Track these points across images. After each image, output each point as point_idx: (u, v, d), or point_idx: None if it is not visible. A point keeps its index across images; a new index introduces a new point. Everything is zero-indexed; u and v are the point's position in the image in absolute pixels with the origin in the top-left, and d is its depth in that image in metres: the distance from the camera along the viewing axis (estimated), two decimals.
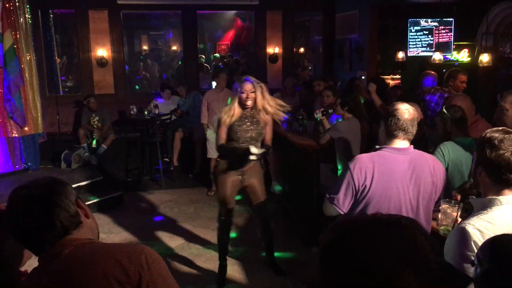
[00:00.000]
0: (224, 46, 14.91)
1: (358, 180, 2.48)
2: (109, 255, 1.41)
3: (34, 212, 1.42)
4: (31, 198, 1.43)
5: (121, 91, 8.61)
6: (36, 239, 1.43)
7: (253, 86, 3.98)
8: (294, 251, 4.93)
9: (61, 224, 1.43)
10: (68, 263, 1.40)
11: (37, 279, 1.42)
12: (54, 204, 1.43)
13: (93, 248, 1.46)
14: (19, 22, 6.61)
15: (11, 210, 1.46)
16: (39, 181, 1.51)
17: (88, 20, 8.22)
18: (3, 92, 6.45)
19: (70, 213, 1.46)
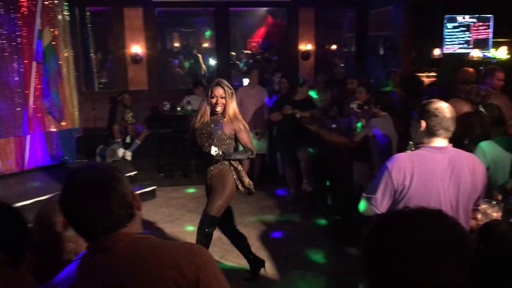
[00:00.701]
0: (255, 43, 14.90)
1: (396, 180, 2.45)
2: (165, 254, 1.37)
3: (94, 195, 1.36)
4: (92, 181, 1.38)
5: (154, 87, 8.73)
6: (91, 225, 1.38)
7: (224, 91, 3.82)
8: (324, 250, 4.90)
9: (117, 212, 1.38)
10: (123, 258, 1.35)
11: (90, 271, 1.37)
12: (114, 190, 1.38)
13: (148, 244, 1.41)
14: (58, 20, 6.79)
15: (69, 191, 1.40)
16: (100, 166, 1.48)
17: (123, 18, 8.37)
18: (42, 88, 6.64)
19: (127, 202, 1.41)
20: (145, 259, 1.35)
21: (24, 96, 6.50)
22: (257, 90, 6.87)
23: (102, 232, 1.39)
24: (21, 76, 6.45)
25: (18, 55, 6.39)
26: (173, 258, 1.36)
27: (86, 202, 1.36)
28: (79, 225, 1.40)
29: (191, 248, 1.43)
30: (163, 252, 1.38)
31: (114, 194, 1.38)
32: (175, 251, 1.39)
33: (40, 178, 6.52)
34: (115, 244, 1.37)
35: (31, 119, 6.59)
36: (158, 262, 1.35)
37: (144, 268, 1.34)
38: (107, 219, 1.37)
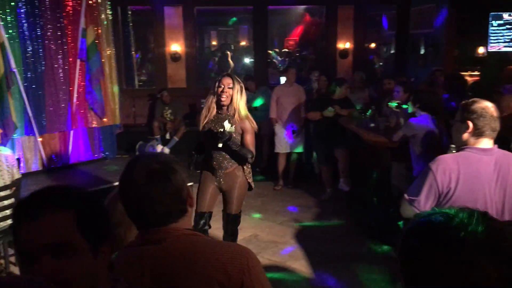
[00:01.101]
0: (292, 42, 14.86)
1: (441, 182, 2.39)
2: (212, 254, 1.36)
3: (149, 184, 1.37)
4: (150, 170, 1.39)
5: (192, 85, 8.85)
6: (143, 213, 1.39)
7: (232, 81, 3.63)
8: (360, 250, 4.85)
9: (170, 204, 1.39)
10: (170, 253, 1.36)
11: (137, 261, 1.37)
12: (170, 182, 1.39)
13: (195, 242, 1.40)
14: (101, 18, 6.98)
15: (127, 177, 1.43)
16: (162, 157, 1.48)
17: (163, 16, 8.52)
18: (85, 85, 6.84)
19: (180, 197, 1.42)
20: (191, 257, 1.35)
21: (68, 93, 6.72)
22: (294, 88, 6.85)
23: (153, 223, 1.40)
24: (65, 73, 6.66)
25: (63, 53, 6.60)
26: (219, 259, 1.35)
27: (141, 189, 1.38)
28: (132, 211, 1.42)
29: (239, 250, 1.42)
30: (209, 252, 1.37)
31: (169, 186, 1.39)
32: (222, 252, 1.37)
33: (82, 172, 6.73)
34: (164, 238, 1.37)
35: (74, 115, 6.80)
36: (204, 261, 1.34)
37: (189, 266, 1.33)
38: (159, 210, 1.38)
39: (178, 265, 1.34)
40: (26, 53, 6.27)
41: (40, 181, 6.18)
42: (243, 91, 3.70)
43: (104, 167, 6.85)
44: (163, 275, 1.34)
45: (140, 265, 1.36)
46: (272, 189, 6.85)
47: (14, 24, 6.13)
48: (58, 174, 6.58)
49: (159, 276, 1.34)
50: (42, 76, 6.45)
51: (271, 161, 7.45)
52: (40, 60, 6.40)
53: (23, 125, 6.33)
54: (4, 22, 5.99)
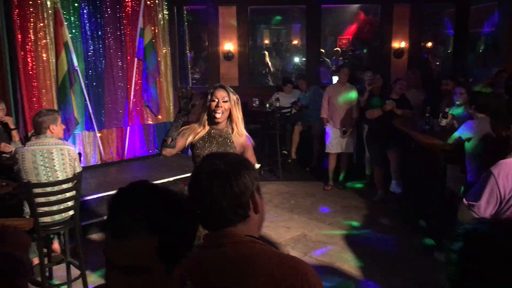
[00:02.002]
0: (345, 41, 14.68)
1: (504, 188, 2.32)
2: (265, 266, 1.29)
3: (210, 185, 1.36)
4: (214, 170, 1.38)
5: (244, 83, 8.94)
6: (203, 214, 1.38)
7: (227, 93, 3.11)
8: (410, 253, 4.75)
9: (227, 208, 1.36)
10: (226, 259, 1.33)
11: (199, 266, 1.36)
12: (230, 185, 1.35)
13: (250, 251, 1.35)
14: (158, 18, 7.20)
15: (194, 175, 1.44)
16: (231, 157, 1.46)
17: (218, 16, 8.65)
18: (142, 83, 7.09)
19: (240, 200, 1.37)
20: (243, 267, 1.30)
21: (126, 91, 6.99)
22: (347, 88, 6.78)
23: (212, 225, 1.39)
24: (124, 71, 6.93)
25: (121, 52, 6.87)
26: (272, 273, 1.28)
27: (202, 190, 1.37)
28: (195, 211, 1.39)
29: (296, 265, 1.33)
30: (263, 264, 1.30)
31: (228, 188, 1.35)
32: (276, 265, 1.30)
33: (137, 167, 6.99)
34: (222, 243, 1.35)
35: (131, 112, 7.06)
36: (257, 271, 1.28)
37: (242, 275, 1.29)
38: (215, 212, 1.36)
39: (232, 272, 1.31)
40: (88, 52, 6.58)
41: (98, 174, 6.48)
42: (239, 103, 3.20)
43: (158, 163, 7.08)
44: (219, 281, 1.32)
45: (203, 269, 1.35)
46: (322, 189, 6.82)
47: (77, 24, 6.45)
48: (115, 168, 6.86)
49: (217, 282, 1.32)
50: (102, 74, 6.74)
51: (321, 161, 7.43)
52: (100, 59, 6.70)
53: (84, 120, 6.65)
54: (68, 22, 6.31)
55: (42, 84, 6.13)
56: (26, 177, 3.78)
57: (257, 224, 1.43)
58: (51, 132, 3.87)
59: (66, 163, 3.88)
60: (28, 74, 6.06)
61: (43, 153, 3.80)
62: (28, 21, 5.97)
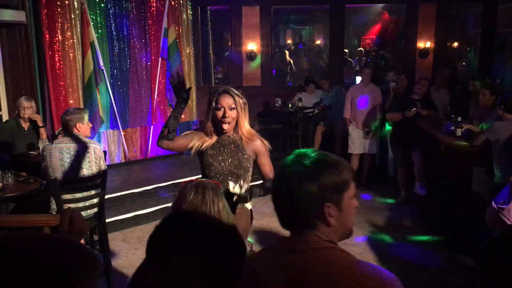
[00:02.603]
0: (369, 41, 14.54)
1: None
2: (351, 278, 1.22)
3: (290, 184, 1.30)
4: (297, 169, 1.31)
5: (267, 83, 8.95)
6: (281, 214, 1.35)
7: (233, 99, 2.83)
8: (436, 257, 4.67)
9: (305, 209, 1.30)
10: (310, 265, 1.26)
11: (280, 271, 1.29)
12: (306, 187, 1.27)
13: (335, 259, 1.28)
14: (182, 18, 7.26)
15: (278, 171, 1.40)
16: (321, 155, 1.34)
17: (241, 16, 8.68)
18: (166, 82, 7.15)
19: (319, 204, 1.29)
20: (330, 272, 1.23)
21: (149, 90, 7.06)
22: (370, 89, 6.72)
23: (286, 224, 1.34)
24: (148, 71, 7.01)
25: (146, 52, 6.95)
26: (362, 283, 1.21)
27: (282, 189, 1.33)
28: (275, 205, 1.36)
29: (384, 280, 1.24)
30: (348, 275, 1.23)
31: (309, 189, 1.27)
32: (363, 278, 1.22)
33: (160, 166, 7.05)
34: (305, 249, 1.28)
35: (154, 111, 7.14)
36: (345, 282, 1.21)
37: (328, 282, 1.22)
38: (291, 212, 1.32)
39: (318, 278, 1.23)
40: (113, 52, 6.67)
41: (122, 172, 6.56)
42: (246, 107, 2.91)
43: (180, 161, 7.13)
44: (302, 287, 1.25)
45: (284, 274, 1.28)
46: None
47: (103, 24, 6.55)
48: (138, 166, 6.95)
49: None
50: (127, 74, 6.83)
51: None
52: (125, 59, 6.79)
53: (109, 119, 6.75)
54: (94, 22, 6.42)
55: (69, 83, 6.25)
56: (53, 174, 3.86)
57: (338, 231, 1.34)
58: (77, 130, 3.94)
59: (92, 160, 3.95)
60: (55, 74, 6.18)
61: (70, 151, 3.87)
62: (56, 21, 6.09)
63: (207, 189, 1.91)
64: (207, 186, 1.93)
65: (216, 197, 1.91)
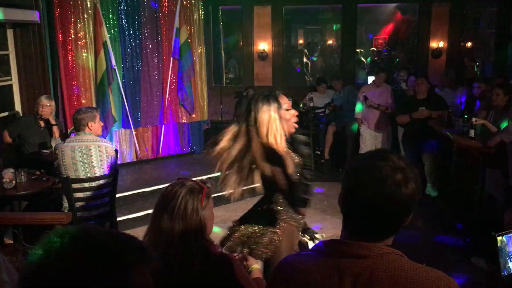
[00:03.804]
0: (381, 40, 14.46)
1: None
2: (420, 283, 1.21)
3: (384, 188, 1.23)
4: (381, 177, 1.23)
5: (278, 83, 8.93)
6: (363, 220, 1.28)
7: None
8: (449, 258, 4.62)
9: (397, 217, 1.26)
10: (374, 271, 1.23)
11: (336, 274, 1.25)
12: (400, 191, 1.22)
13: (400, 265, 1.25)
14: (194, 18, 7.27)
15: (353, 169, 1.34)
16: (398, 161, 1.27)
17: (252, 16, 8.68)
18: (177, 82, 7.17)
19: (408, 212, 1.26)
20: (397, 281, 1.21)
21: (161, 90, 7.08)
22: (382, 89, 6.68)
23: (364, 234, 1.28)
24: (159, 71, 7.03)
25: (158, 52, 6.97)
26: (425, 284, 1.21)
27: (362, 194, 1.26)
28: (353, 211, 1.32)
29: (449, 282, 1.24)
30: (418, 279, 1.22)
31: (402, 196, 1.23)
32: (432, 281, 1.22)
33: (171, 165, 7.07)
34: (367, 254, 1.24)
35: (166, 111, 7.16)
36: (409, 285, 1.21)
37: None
38: (379, 220, 1.26)
39: (382, 286, 1.21)
40: (126, 52, 6.70)
41: (134, 171, 6.60)
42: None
43: (191, 161, 7.15)
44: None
45: (340, 278, 1.24)
46: None
47: (116, 24, 6.58)
48: (150, 165, 6.97)
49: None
50: (139, 73, 6.86)
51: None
52: (137, 58, 6.82)
53: (121, 118, 6.78)
54: (107, 22, 6.46)
55: (81, 82, 6.29)
56: (65, 172, 3.89)
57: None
58: (89, 129, 3.96)
59: (104, 159, 3.97)
60: (68, 73, 6.23)
61: (82, 149, 3.90)
62: (69, 20, 6.13)
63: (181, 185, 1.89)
64: (185, 183, 1.91)
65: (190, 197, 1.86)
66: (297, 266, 1.31)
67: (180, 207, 1.83)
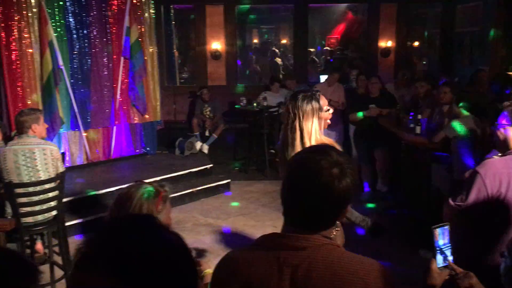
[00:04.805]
0: (334, 40, 14.72)
1: (491, 187, 2.31)
2: (356, 270, 1.27)
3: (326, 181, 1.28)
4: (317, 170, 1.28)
5: (232, 83, 8.93)
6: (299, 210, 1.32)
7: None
8: (397, 252, 4.75)
9: (326, 209, 1.30)
10: (312, 262, 1.27)
11: (275, 266, 1.28)
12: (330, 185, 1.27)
13: (336, 255, 1.30)
14: (144, 17, 7.14)
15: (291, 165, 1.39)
16: (336, 156, 1.32)
17: (205, 15, 8.63)
18: (129, 82, 7.03)
19: (340, 205, 1.32)
20: (334, 271, 1.26)
21: (112, 90, 6.92)
22: (335, 88, 6.80)
23: (301, 224, 1.32)
24: (110, 70, 6.87)
25: (107, 51, 6.81)
26: (364, 277, 1.26)
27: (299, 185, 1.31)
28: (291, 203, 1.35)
29: (383, 270, 1.31)
30: (354, 268, 1.27)
31: (338, 189, 1.28)
32: (367, 270, 1.28)
33: (123, 167, 6.93)
34: (305, 246, 1.28)
35: (117, 111, 7.00)
36: (348, 277, 1.25)
37: (331, 279, 1.25)
38: (313, 212, 1.31)
39: (321, 277, 1.25)
40: (73, 51, 6.50)
41: (84, 174, 6.41)
42: None
43: (145, 162, 7.04)
44: (304, 284, 1.26)
45: (280, 270, 1.28)
46: None
47: (62, 22, 6.37)
48: (101, 168, 6.80)
49: (300, 285, 1.26)
50: (88, 73, 6.67)
51: None
52: (86, 58, 6.63)
53: (69, 120, 6.58)
54: (53, 20, 6.24)
55: (26, 83, 6.05)
56: (8, 177, 3.73)
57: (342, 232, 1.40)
58: (33, 132, 3.82)
59: (49, 163, 3.83)
60: (12, 73, 5.97)
61: (25, 153, 3.75)
62: (12, 19, 5.88)
63: (137, 188, 1.87)
64: (141, 186, 1.88)
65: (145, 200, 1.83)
66: (239, 259, 1.35)
67: (135, 210, 1.79)
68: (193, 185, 6.46)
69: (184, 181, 6.53)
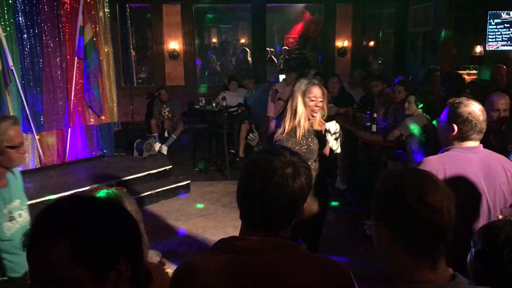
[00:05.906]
0: (292, 39, 14.88)
1: None
2: (319, 269, 1.28)
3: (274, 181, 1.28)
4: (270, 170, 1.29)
5: (191, 83, 8.86)
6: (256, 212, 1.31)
7: (322, 91, 3.07)
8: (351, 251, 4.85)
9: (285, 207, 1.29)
10: (268, 265, 1.26)
11: (232, 270, 1.28)
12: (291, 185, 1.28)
13: (294, 255, 1.30)
14: (99, 16, 6.97)
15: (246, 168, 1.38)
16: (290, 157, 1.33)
17: (162, 14, 8.52)
18: (83, 83, 6.84)
19: (296, 206, 1.32)
20: (296, 270, 1.26)
21: (66, 91, 6.72)
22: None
23: (258, 225, 1.31)
24: (63, 71, 6.66)
25: (60, 51, 6.60)
26: (327, 275, 1.28)
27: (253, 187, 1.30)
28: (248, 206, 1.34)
29: (341, 267, 1.34)
30: (311, 268, 1.28)
31: (292, 189, 1.28)
32: (328, 268, 1.30)
33: (80, 170, 6.74)
34: (263, 249, 1.28)
35: (72, 113, 6.80)
36: (310, 276, 1.26)
37: (293, 281, 1.25)
38: (269, 213, 1.30)
39: (276, 279, 1.25)
40: (24, 51, 6.27)
41: (38, 179, 6.20)
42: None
43: (101, 165, 6.87)
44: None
45: (236, 273, 1.27)
46: None
47: (12, 22, 6.13)
48: (56, 171, 6.60)
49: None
50: (40, 74, 6.45)
51: None
52: (37, 58, 6.41)
53: (21, 122, 6.32)
54: (1, 20, 6.00)
55: None
56: None
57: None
58: None
59: None
60: None
61: None
62: None
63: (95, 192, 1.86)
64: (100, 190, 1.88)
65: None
66: (196, 264, 1.33)
67: None
68: (152, 187, 6.37)
69: (143, 183, 6.43)
